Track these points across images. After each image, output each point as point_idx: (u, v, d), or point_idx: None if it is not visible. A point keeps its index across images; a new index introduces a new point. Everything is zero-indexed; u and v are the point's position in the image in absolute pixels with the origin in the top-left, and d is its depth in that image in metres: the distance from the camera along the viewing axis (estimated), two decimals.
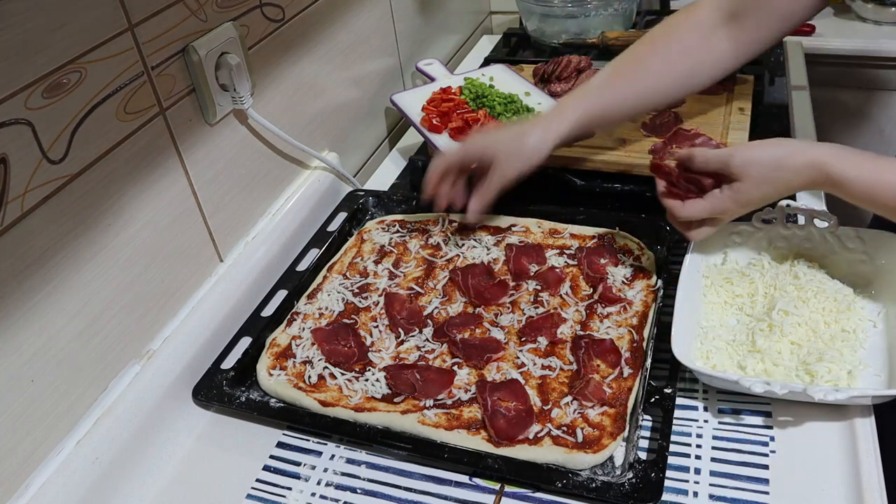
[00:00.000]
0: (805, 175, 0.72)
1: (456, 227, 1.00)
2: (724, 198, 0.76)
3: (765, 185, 0.74)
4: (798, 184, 0.73)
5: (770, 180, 0.73)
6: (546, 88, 1.22)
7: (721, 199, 0.76)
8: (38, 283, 0.67)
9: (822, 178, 0.72)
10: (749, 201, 0.76)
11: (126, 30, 0.72)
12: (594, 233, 0.95)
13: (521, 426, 0.71)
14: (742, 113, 1.10)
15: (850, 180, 0.70)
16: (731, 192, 0.75)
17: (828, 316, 0.78)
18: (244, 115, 0.92)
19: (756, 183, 0.74)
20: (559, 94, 1.20)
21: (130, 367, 0.79)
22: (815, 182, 0.72)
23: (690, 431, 0.73)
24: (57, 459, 0.70)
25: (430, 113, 1.14)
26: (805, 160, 0.72)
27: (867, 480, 0.65)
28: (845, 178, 0.70)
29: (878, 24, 1.58)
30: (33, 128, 0.64)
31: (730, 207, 0.76)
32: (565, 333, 0.82)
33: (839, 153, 0.71)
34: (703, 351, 0.77)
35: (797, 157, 0.72)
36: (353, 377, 0.80)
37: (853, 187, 0.71)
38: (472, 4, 1.71)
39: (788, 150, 0.73)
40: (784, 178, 0.73)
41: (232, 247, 0.95)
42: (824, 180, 0.72)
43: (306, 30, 1.03)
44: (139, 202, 0.78)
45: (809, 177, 0.72)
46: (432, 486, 0.71)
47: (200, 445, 0.79)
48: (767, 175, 0.73)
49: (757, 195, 0.75)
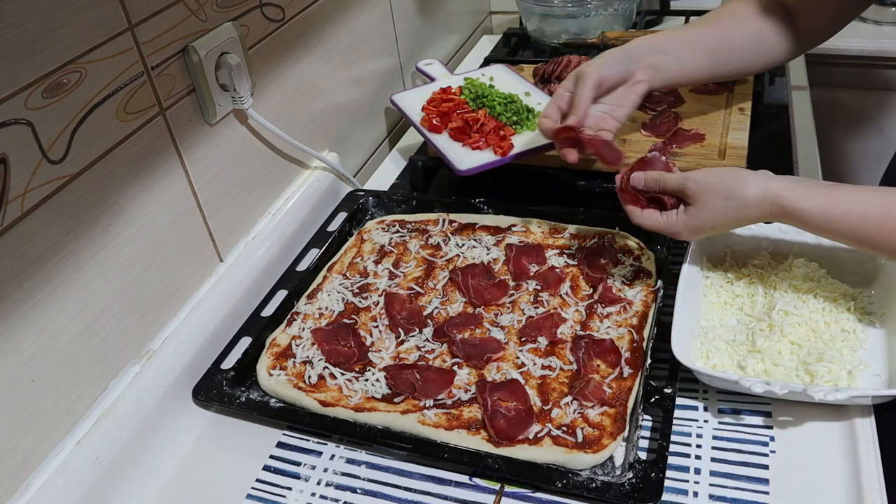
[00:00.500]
0: (759, 208, 0.72)
1: (456, 227, 1.00)
2: (679, 220, 0.77)
3: (716, 212, 0.74)
4: (751, 215, 0.73)
5: (721, 210, 0.73)
6: (546, 88, 1.22)
7: (675, 221, 0.77)
8: (38, 283, 0.67)
9: (777, 210, 0.71)
10: (700, 227, 0.76)
11: (126, 30, 0.72)
12: (594, 233, 0.95)
13: (521, 426, 0.71)
14: (742, 113, 1.10)
15: (805, 211, 0.70)
16: (686, 216, 0.76)
17: (828, 316, 0.78)
18: (244, 115, 0.92)
19: (708, 211, 0.74)
20: None
21: (130, 367, 0.79)
22: (770, 214, 0.72)
23: (690, 431, 0.73)
24: (57, 459, 0.70)
25: (430, 113, 1.14)
26: (758, 192, 0.71)
27: (867, 480, 0.65)
28: (801, 210, 0.70)
29: (879, 24, 1.58)
30: (33, 128, 0.64)
31: (682, 231, 0.77)
32: (565, 333, 0.82)
33: (792, 185, 0.71)
34: (703, 351, 0.77)
35: (749, 189, 0.72)
36: (353, 377, 0.80)
37: (810, 218, 0.70)
38: (472, 4, 1.71)
39: (741, 181, 0.73)
40: (735, 208, 0.73)
41: (232, 247, 0.95)
42: (779, 212, 0.71)
43: (306, 30, 1.03)
44: (139, 202, 0.78)
45: (763, 209, 0.72)
46: (432, 486, 0.71)
47: (200, 445, 0.79)
48: (718, 203, 0.73)
49: (707, 223, 0.75)
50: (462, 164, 1.03)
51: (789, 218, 0.72)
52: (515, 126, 1.09)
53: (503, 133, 1.07)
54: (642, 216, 0.80)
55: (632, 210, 0.81)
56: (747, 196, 0.72)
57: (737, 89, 1.18)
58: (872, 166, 1.75)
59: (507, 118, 1.10)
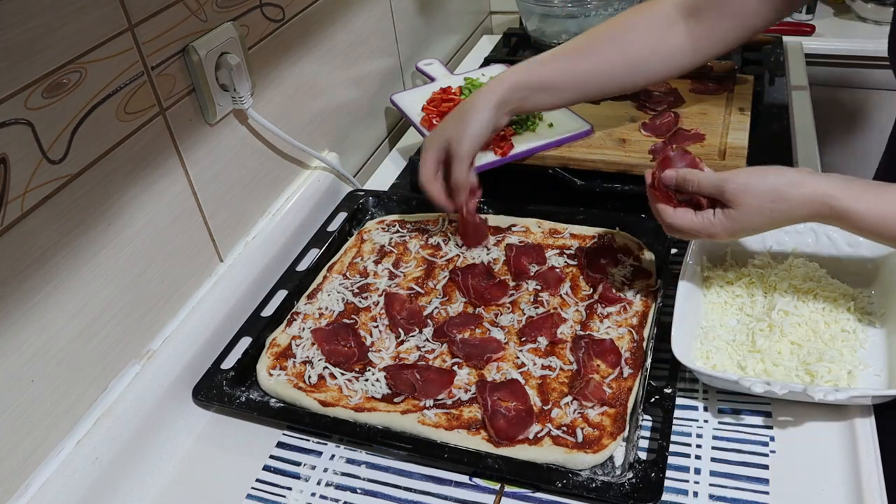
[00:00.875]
0: (807, 208, 0.68)
1: (456, 227, 1.00)
2: (716, 223, 0.72)
3: (759, 215, 0.70)
4: (798, 216, 0.70)
5: (766, 211, 0.69)
6: None
7: (712, 223, 0.72)
8: (38, 283, 0.67)
9: (827, 212, 0.68)
10: (741, 230, 0.72)
11: (126, 30, 0.72)
12: (594, 233, 0.95)
13: (521, 426, 0.71)
14: (742, 113, 1.10)
15: (858, 213, 0.67)
16: (724, 218, 0.71)
17: (828, 316, 0.78)
18: (244, 115, 0.92)
19: (751, 213, 0.70)
20: None
21: (130, 367, 0.79)
22: (818, 215, 0.69)
23: (690, 431, 0.73)
24: (57, 459, 0.70)
25: (430, 113, 1.14)
26: (807, 192, 0.68)
27: (867, 480, 0.65)
28: (854, 212, 0.67)
29: (879, 24, 1.58)
30: (33, 128, 0.64)
31: (719, 234, 0.72)
32: (565, 333, 0.82)
33: (844, 185, 0.68)
34: (703, 351, 0.77)
35: (798, 189, 0.68)
36: (353, 377, 0.80)
37: (862, 220, 0.67)
38: (472, 4, 1.71)
39: (789, 180, 0.69)
40: (781, 210, 0.69)
41: (232, 247, 0.95)
42: (828, 213, 0.68)
43: (306, 30, 1.03)
44: (139, 202, 0.78)
45: (812, 209, 0.68)
46: (432, 486, 0.71)
47: (200, 445, 0.79)
48: (763, 205, 0.69)
49: (750, 225, 0.71)
50: None
51: (838, 220, 0.68)
52: (515, 126, 1.09)
53: (503, 133, 1.07)
54: (674, 216, 0.74)
55: (663, 209, 0.75)
56: (795, 197, 0.68)
57: (737, 89, 1.18)
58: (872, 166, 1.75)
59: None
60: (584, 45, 0.92)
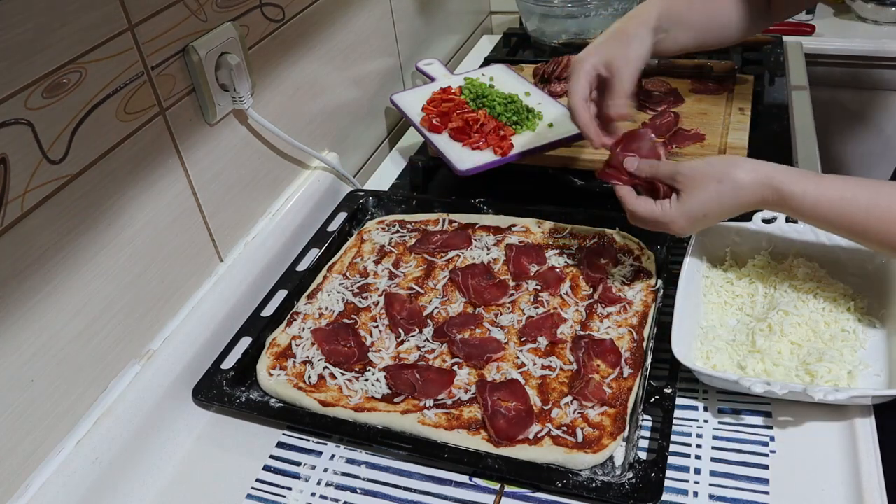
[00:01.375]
0: (752, 191, 0.71)
1: (456, 227, 1.00)
2: (672, 208, 0.75)
3: (708, 199, 0.72)
4: (746, 200, 0.72)
5: (714, 194, 0.72)
6: (546, 88, 1.22)
7: (669, 210, 0.75)
8: (38, 283, 0.67)
9: (770, 193, 0.71)
10: (694, 214, 0.74)
11: (126, 30, 0.72)
12: (594, 233, 0.95)
13: (521, 426, 0.71)
14: (742, 113, 1.10)
15: (797, 196, 0.69)
16: (678, 203, 0.74)
17: (828, 316, 0.78)
18: (244, 115, 0.92)
19: (700, 196, 0.73)
20: (559, 94, 1.20)
21: (130, 367, 0.79)
22: (763, 199, 0.71)
23: (690, 431, 0.73)
24: (57, 459, 0.70)
25: (430, 113, 1.14)
26: (751, 176, 0.71)
27: (867, 480, 0.65)
28: (793, 194, 0.69)
29: (878, 24, 1.58)
30: (33, 128, 0.64)
31: (676, 220, 0.75)
32: (565, 333, 0.82)
33: (786, 170, 0.71)
34: (703, 351, 0.77)
35: (743, 171, 0.71)
36: (353, 377, 0.80)
37: (801, 203, 0.70)
38: (472, 4, 1.71)
39: (734, 164, 0.72)
40: (728, 192, 0.71)
41: (232, 247, 0.95)
42: (771, 196, 0.71)
43: (306, 30, 1.03)
44: (139, 202, 0.78)
45: (756, 193, 0.71)
46: (432, 486, 0.71)
47: (200, 445, 0.79)
48: (711, 188, 0.72)
49: (700, 209, 0.73)
50: (462, 164, 1.03)
51: (781, 202, 0.71)
52: (515, 126, 1.09)
53: (503, 133, 1.07)
54: (637, 203, 0.77)
55: (626, 195, 0.79)
56: (740, 178, 0.71)
57: (737, 89, 1.18)
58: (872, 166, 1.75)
59: (507, 118, 1.10)
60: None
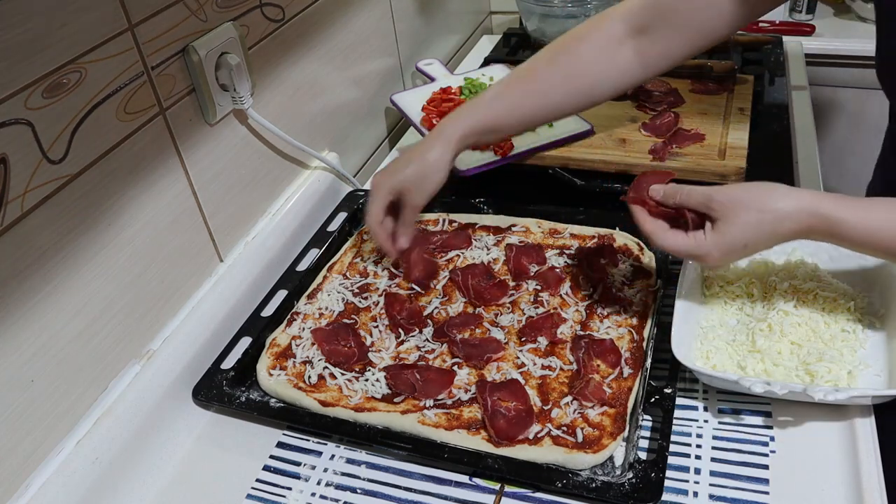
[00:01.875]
0: (795, 220, 0.67)
1: (456, 227, 1.00)
2: (708, 240, 0.70)
3: (748, 227, 0.68)
4: (787, 229, 0.67)
5: (753, 224, 0.68)
6: None
7: (703, 242, 0.70)
8: (38, 283, 0.67)
9: (815, 222, 0.67)
10: (732, 246, 0.69)
11: (126, 30, 0.72)
12: (594, 233, 0.95)
13: (521, 426, 0.71)
14: (742, 113, 1.10)
15: (848, 223, 0.66)
16: (714, 233, 0.69)
17: (828, 316, 0.78)
18: (244, 115, 0.92)
19: (739, 225, 0.68)
20: None
21: (130, 367, 0.79)
22: (808, 227, 0.67)
23: (690, 431, 0.73)
24: (57, 459, 0.70)
25: (430, 113, 1.14)
26: (793, 203, 0.67)
27: (867, 480, 0.65)
28: (844, 221, 0.66)
29: None
30: (33, 128, 0.64)
31: (711, 252, 0.70)
32: (565, 333, 0.82)
33: (833, 196, 0.67)
34: (703, 351, 0.77)
35: (784, 201, 0.67)
36: (353, 377, 0.80)
37: (852, 230, 0.66)
38: (472, 4, 1.71)
39: (777, 191, 0.68)
40: (770, 222, 0.67)
41: (232, 247, 0.95)
42: (818, 223, 0.67)
43: (306, 30, 1.03)
44: (139, 202, 0.78)
45: (801, 221, 0.67)
46: (432, 486, 0.71)
47: (200, 445, 0.79)
48: (751, 218, 0.67)
49: (741, 239, 0.68)
50: (462, 164, 1.03)
51: (828, 230, 0.67)
52: None
53: None
54: (666, 238, 0.72)
55: (654, 228, 0.74)
56: (783, 208, 0.67)
57: (737, 89, 1.18)
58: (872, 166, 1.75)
59: None
60: (529, 77, 0.89)
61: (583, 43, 0.87)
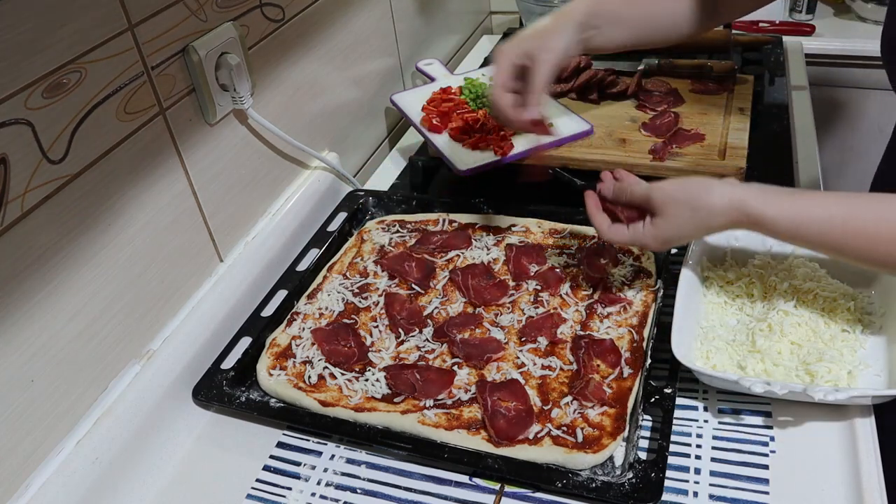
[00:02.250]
0: (725, 216, 0.71)
1: (456, 227, 1.00)
2: (645, 232, 0.76)
3: (682, 223, 0.74)
4: (718, 224, 0.73)
5: (687, 219, 0.73)
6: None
7: (642, 234, 0.77)
8: (38, 283, 0.67)
9: (743, 218, 0.71)
10: (668, 238, 0.76)
11: (126, 30, 0.72)
12: (594, 233, 0.95)
13: (521, 426, 0.71)
14: (742, 113, 1.10)
15: (770, 218, 0.70)
16: (651, 227, 0.76)
17: (828, 316, 0.78)
18: (244, 115, 0.92)
19: (674, 221, 0.74)
20: (561, 95, 1.20)
21: (130, 367, 0.79)
22: (736, 222, 0.72)
23: (690, 431, 0.73)
24: (57, 459, 0.70)
25: (430, 113, 1.14)
26: (723, 201, 0.71)
27: (867, 480, 0.65)
28: (766, 217, 0.70)
29: (878, 24, 1.57)
30: (33, 128, 0.64)
31: (649, 243, 0.77)
32: (565, 333, 0.82)
33: (758, 192, 0.71)
34: (703, 351, 0.77)
35: (715, 198, 0.71)
36: (353, 377, 0.79)
37: (775, 225, 0.70)
38: (472, 4, 1.71)
39: (707, 189, 0.72)
40: (702, 217, 0.73)
41: (232, 247, 0.95)
42: (745, 220, 0.71)
43: (306, 30, 1.03)
44: (139, 202, 0.78)
45: (730, 217, 0.71)
46: (432, 486, 0.71)
47: (200, 445, 0.79)
48: (684, 213, 0.73)
49: (675, 233, 0.75)
50: (462, 164, 1.03)
51: (755, 225, 0.71)
52: None
53: (503, 133, 1.07)
54: (610, 230, 0.79)
55: (600, 222, 0.80)
56: (714, 204, 0.72)
57: (737, 89, 1.18)
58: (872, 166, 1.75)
59: None
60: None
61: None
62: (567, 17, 0.86)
